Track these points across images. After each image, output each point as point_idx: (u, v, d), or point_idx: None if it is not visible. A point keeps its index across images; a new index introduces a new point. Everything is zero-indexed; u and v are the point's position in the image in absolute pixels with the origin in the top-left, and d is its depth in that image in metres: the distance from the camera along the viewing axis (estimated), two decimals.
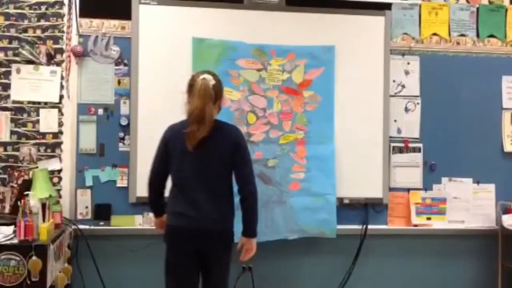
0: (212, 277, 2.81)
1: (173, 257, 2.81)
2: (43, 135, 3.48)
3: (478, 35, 3.87)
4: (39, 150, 3.47)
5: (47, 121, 3.48)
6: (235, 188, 2.82)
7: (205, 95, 2.68)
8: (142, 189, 3.45)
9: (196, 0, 3.56)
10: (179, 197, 2.77)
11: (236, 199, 2.83)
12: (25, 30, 3.47)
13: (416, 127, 3.79)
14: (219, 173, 2.77)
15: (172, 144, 2.79)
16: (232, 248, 2.85)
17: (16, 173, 3.43)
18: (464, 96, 3.83)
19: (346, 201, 3.65)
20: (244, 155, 2.79)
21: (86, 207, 3.51)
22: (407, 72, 3.79)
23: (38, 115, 3.47)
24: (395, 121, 3.77)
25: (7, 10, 3.45)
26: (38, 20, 3.48)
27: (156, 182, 2.86)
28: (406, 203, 3.78)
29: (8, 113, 3.45)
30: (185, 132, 2.68)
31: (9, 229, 2.93)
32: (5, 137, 3.45)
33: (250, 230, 2.81)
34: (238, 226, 2.84)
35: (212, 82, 2.72)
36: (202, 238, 2.72)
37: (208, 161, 2.74)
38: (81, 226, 3.46)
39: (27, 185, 3.25)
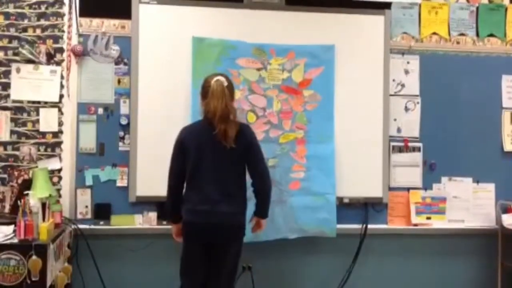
0: (222, 269, 2.90)
1: (189, 251, 2.91)
2: (43, 134, 3.48)
3: (478, 34, 3.87)
4: (39, 150, 3.47)
5: (47, 120, 3.48)
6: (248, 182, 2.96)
7: (223, 95, 2.82)
8: (142, 189, 3.48)
9: (196, 0, 3.56)
10: (193, 193, 2.87)
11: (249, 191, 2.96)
12: (25, 30, 3.47)
13: (416, 127, 3.79)
14: (233, 169, 2.88)
15: (187, 143, 2.88)
16: (243, 242, 2.95)
17: (16, 173, 3.43)
18: (464, 96, 3.83)
19: (346, 201, 3.65)
20: (257, 153, 2.93)
21: (86, 206, 3.51)
22: (407, 72, 3.79)
23: (38, 114, 3.47)
24: (395, 120, 3.77)
25: (7, 10, 3.45)
26: (38, 20, 3.48)
27: (176, 182, 2.93)
28: (406, 203, 3.78)
29: (8, 112, 3.45)
30: (216, 133, 2.79)
31: (9, 229, 2.93)
32: (5, 136, 3.45)
33: (262, 212, 3.01)
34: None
35: (225, 83, 2.87)
36: (215, 232, 2.84)
37: (223, 158, 2.84)
38: (81, 226, 3.46)
39: (27, 184, 3.25)
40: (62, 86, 3.49)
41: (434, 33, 3.83)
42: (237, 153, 2.85)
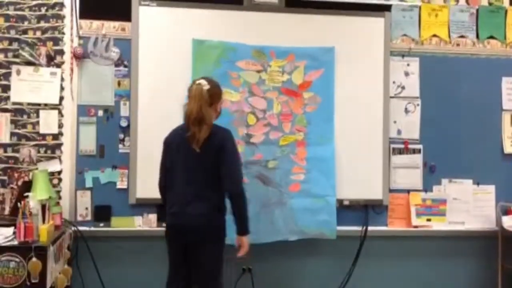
0: (200, 269, 2.88)
1: (169, 253, 2.96)
2: (43, 136, 3.48)
3: (478, 37, 3.87)
4: (39, 152, 3.47)
5: (47, 122, 3.48)
6: None
7: (200, 99, 2.81)
8: (142, 191, 3.48)
9: (196, 2, 3.56)
10: (170, 194, 2.93)
11: None
12: (25, 32, 3.47)
13: (416, 128, 3.79)
14: (205, 171, 2.86)
15: (169, 144, 2.95)
16: (224, 244, 2.91)
17: (16, 175, 3.43)
18: (464, 98, 3.83)
19: (346, 203, 3.65)
20: (228, 155, 2.86)
21: (86, 208, 3.51)
22: (407, 74, 3.79)
23: (38, 116, 3.48)
24: (395, 122, 3.77)
25: (7, 12, 3.46)
26: (38, 22, 3.48)
27: (162, 182, 3.00)
28: (406, 205, 3.78)
29: (8, 114, 3.46)
30: (188, 135, 2.81)
31: (9, 231, 2.93)
32: (5, 138, 3.45)
33: (239, 228, 2.91)
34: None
35: (206, 87, 2.85)
36: (186, 233, 2.84)
37: (195, 160, 2.84)
38: (81, 228, 3.46)
39: (27, 186, 3.24)
40: (62, 88, 3.49)
41: (434, 35, 3.84)
42: (208, 156, 2.83)
